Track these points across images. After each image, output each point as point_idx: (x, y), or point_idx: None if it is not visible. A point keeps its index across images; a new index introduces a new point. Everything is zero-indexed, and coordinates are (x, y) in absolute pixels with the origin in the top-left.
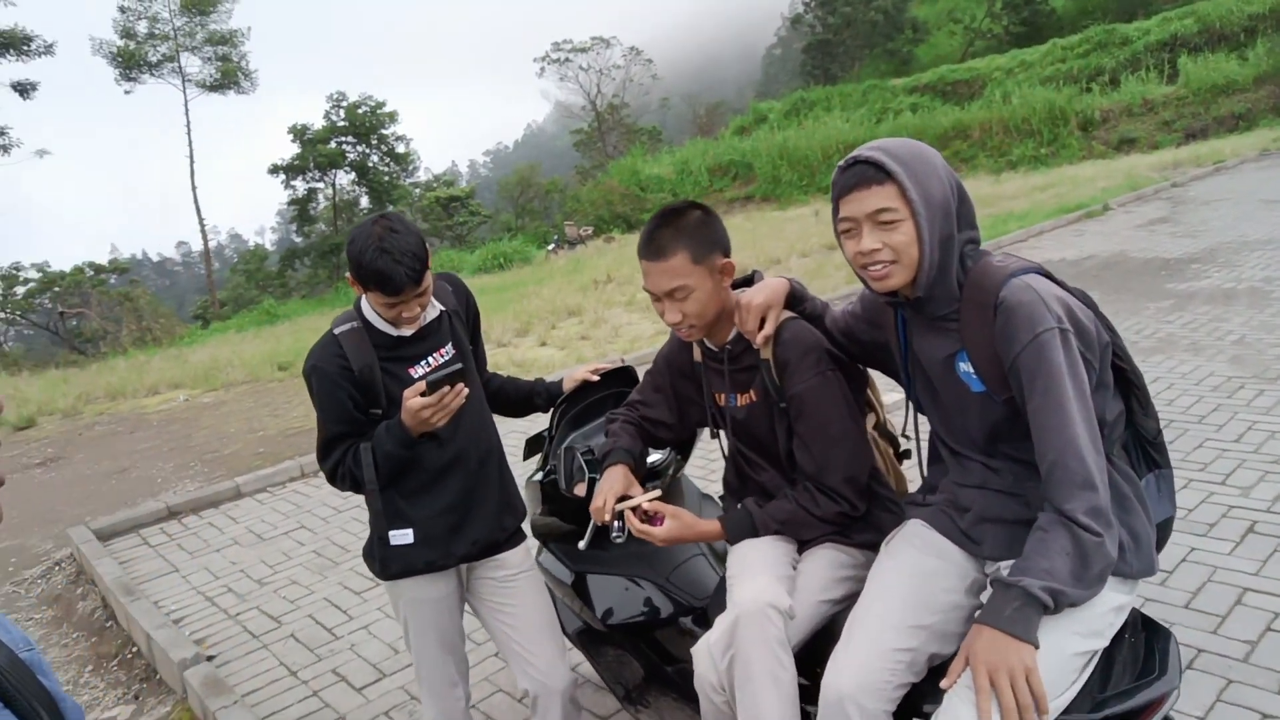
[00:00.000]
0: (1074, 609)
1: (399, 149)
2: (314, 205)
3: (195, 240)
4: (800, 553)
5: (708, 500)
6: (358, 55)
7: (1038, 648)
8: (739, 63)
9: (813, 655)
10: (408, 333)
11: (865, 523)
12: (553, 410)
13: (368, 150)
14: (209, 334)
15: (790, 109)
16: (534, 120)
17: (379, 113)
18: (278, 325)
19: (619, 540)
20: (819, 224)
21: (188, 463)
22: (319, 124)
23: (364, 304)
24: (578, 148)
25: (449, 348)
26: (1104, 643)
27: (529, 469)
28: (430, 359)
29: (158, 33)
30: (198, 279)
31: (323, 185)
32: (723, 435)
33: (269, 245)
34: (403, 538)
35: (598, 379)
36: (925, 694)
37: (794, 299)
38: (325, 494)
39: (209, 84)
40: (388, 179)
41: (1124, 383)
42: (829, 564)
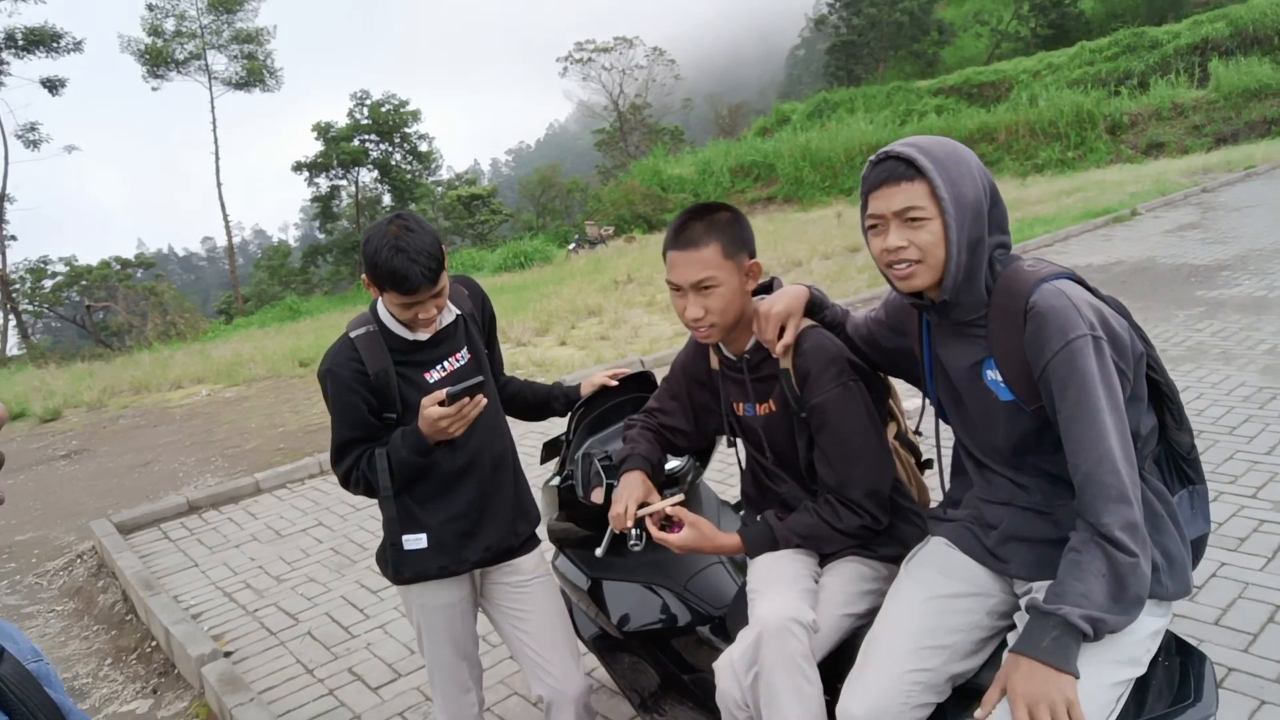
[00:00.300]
0: (1112, 636)
1: (421, 147)
2: (337, 203)
3: (220, 236)
4: (822, 565)
5: (726, 507)
6: (382, 54)
7: (1078, 678)
8: (762, 63)
9: (836, 670)
10: (424, 337)
11: (888, 535)
12: (570, 415)
13: (391, 148)
14: (232, 329)
15: (813, 110)
16: (556, 120)
17: (402, 111)
18: (300, 321)
19: (636, 548)
20: (841, 226)
21: (209, 458)
22: (343, 122)
23: (380, 307)
24: (599, 147)
25: (464, 352)
26: (1141, 670)
27: (544, 473)
28: (446, 364)
29: (185, 30)
30: (222, 274)
31: (346, 183)
32: (740, 445)
33: (292, 242)
34: (416, 543)
35: (616, 384)
36: (949, 711)
37: (814, 307)
38: (343, 492)
39: (235, 81)
40: (410, 177)
41: (1157, 395)
42: (852, 577)
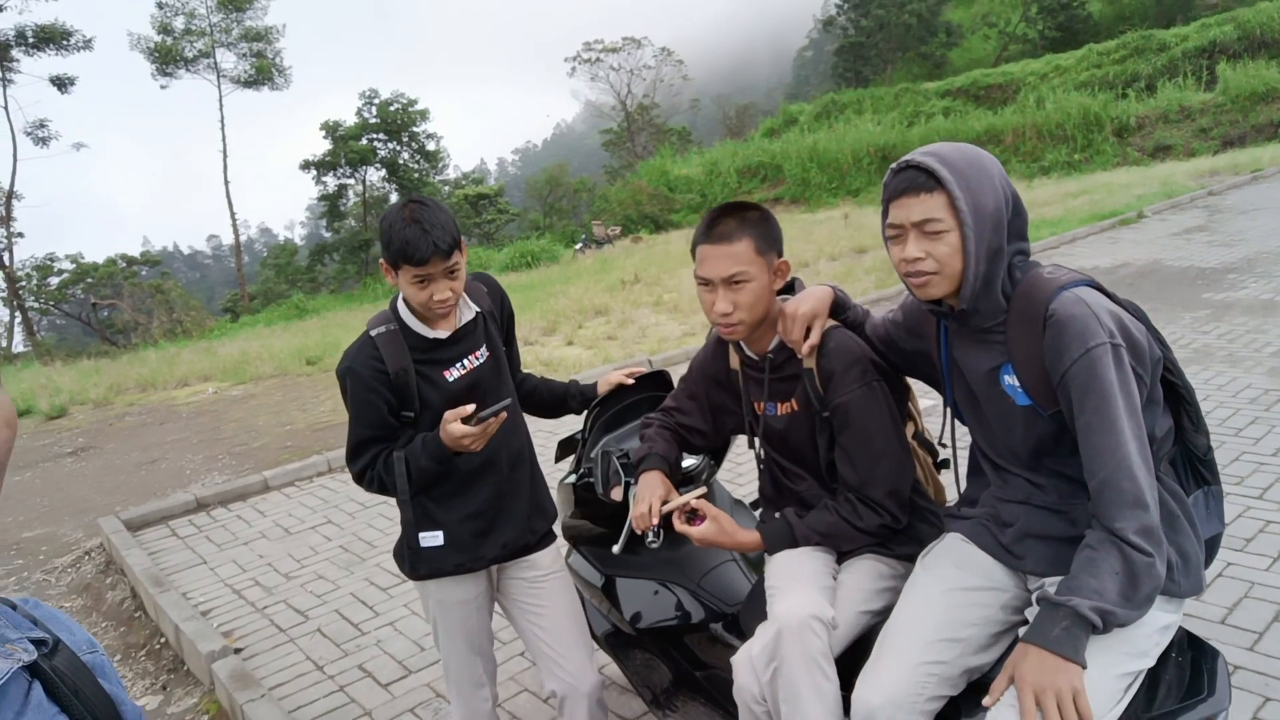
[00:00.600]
0: (1121, 629)
1: (429, 146)
2: (344, 201)
3: (225, 234)
4: (839, 563)
5: (739, 506)
6: (389, 52)
7: (1085, 668)
8: (770, 64)
9: (853, 665)
10: (444, 334)
11: (905, 534)
12: (586, 413)
13: (398, 147)
14: (238, 327)
15: (821, 111)
16: (563, 119)
17: (410, 110)
18: (307, 320)
19: (654, 545)
20: (848, 228)
21: (216, 455)
22: (351, 121)
23: (400, 304)
24: (606, 147)
25: (484, 350)
26: (1150, 663)
27: (559, 472)
28: (465, 361)
29: (194, 29)
30: (227, 272)
31: (353, 181)
32: (759, 444)
33: (298, 240)
34: (433, 540)
35: (632, 382)
36: (962, 707)
37: (837, 307)
38: (352, 489)
39: (243, 80)
40: (417, 176)
41: (1174, 398)
42: (870, 575)
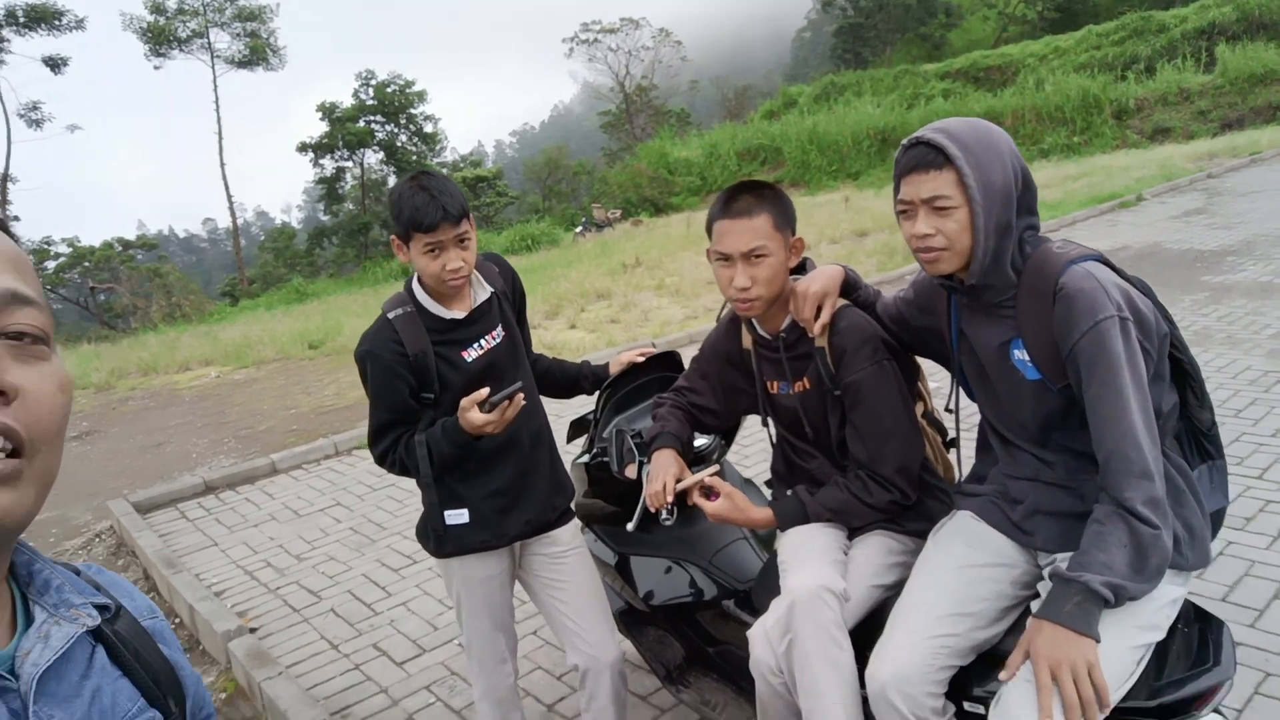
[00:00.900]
0: (1133, 602)
1: (427, 129)
2: (341, 184)
3: (221, 217)
4: (850, 539)
5: (749, 486)
6: (384, 32)
7: (1099, 642)
8: (769, 45)
9: (866, 639)
10: (460, 315)
11: (915, 510)
12: (598, 394)
13: (396, 129)
14: (239, 311)
15: (820, 93)
16: (561, 101)
17: (408, 92)
18: (307, 304)
19: (668, 523)
20: (849, 210)
21: (222, 439)
22: (348, 102)
23: (415, 286)
24: (605, 129)
25: (500, 330)
26: (1160, 635)
27: (570, 451)
28: (482, 342)
29: (187, 8)
30: (223, 256)
31: (351, 164)
32: (771, 423)
33: (295, 224)
34: (458, 518)
35: (643, 361)
36: (974, 676)
37: (848, 286)
38: (360, 471)
39: (238, 60)
40: (415, 158)
41: (1179, 374)
42: (880, 550)
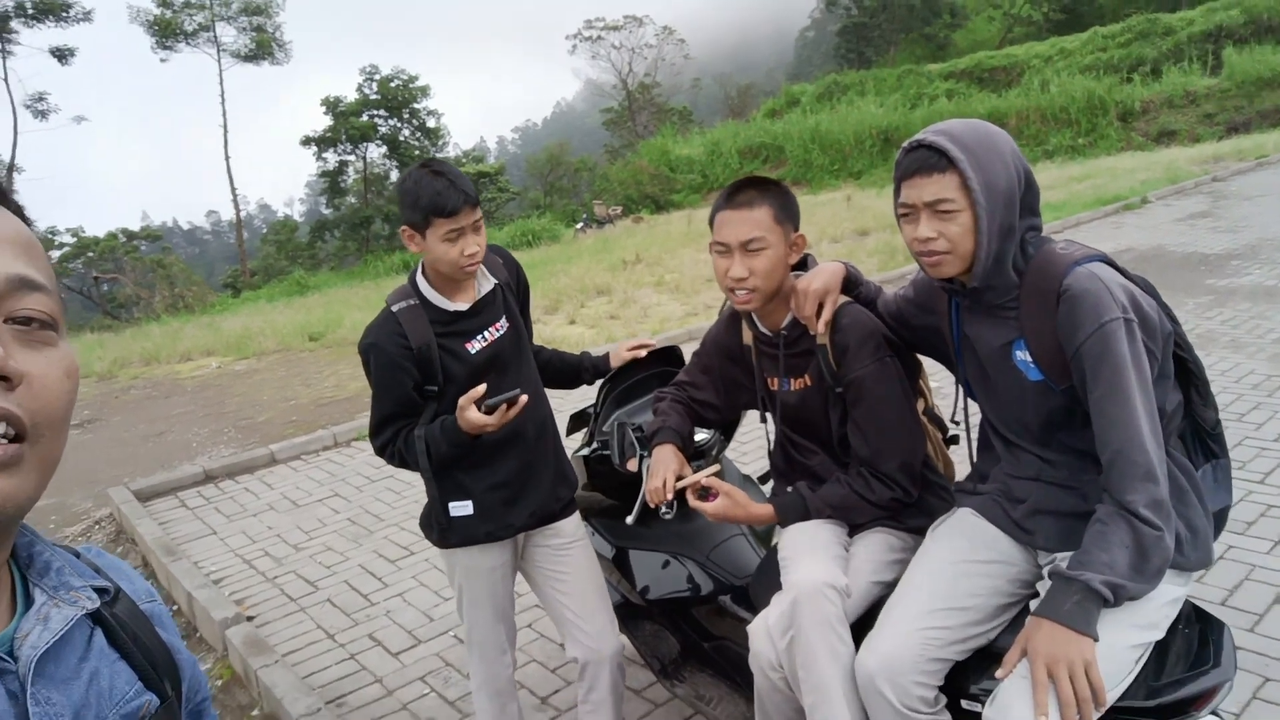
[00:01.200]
0: (1132, 601)
1: (430, 123)
2: (344, 178)
3: (225, 210)
4: (851, 536)
5: (748, 482)
6: (389, 28)
7: (1097, 641)
8: (772, 44)
9: (866, 635)
10: (464, 307)
11: (916, 508)
12: (599, 387)
13: (399, 124)
14: (240, 303)
15: (823, 92)
16: (563, 98)
17: (411, 87)
18: (308, 296)
19: (667, 516)
20: (850, 209)
21: (222, 429)
22: (351, 96)
23: (419, 279)
24: (607, 126)
25: (504, 321)
26: (1160, 634)
27: (570, 444)
28: (486, 333)
29: (194, 2)
30: (226, 248)
31: (354, 158)
32: (770, 419)
33: (297, 217)
34: (462, 509)
35: (644, 354)
36: (971, 673)
37: (849, 283)
38: (359, 463)
39: (243, 54)
40: (418, 153)
41: (1184, 373)
42: (881, 547)
